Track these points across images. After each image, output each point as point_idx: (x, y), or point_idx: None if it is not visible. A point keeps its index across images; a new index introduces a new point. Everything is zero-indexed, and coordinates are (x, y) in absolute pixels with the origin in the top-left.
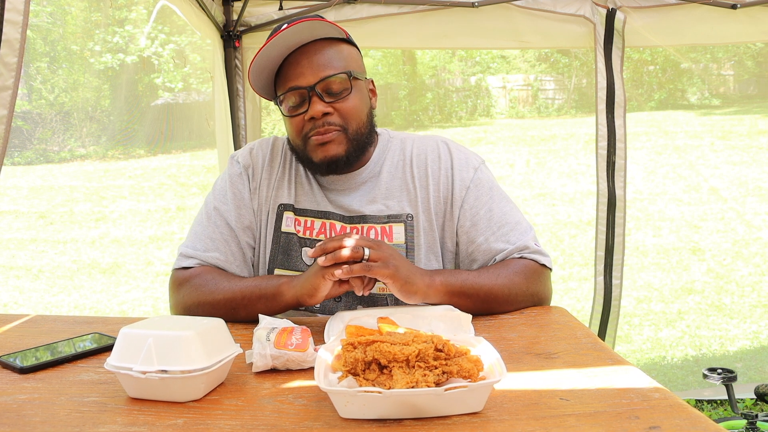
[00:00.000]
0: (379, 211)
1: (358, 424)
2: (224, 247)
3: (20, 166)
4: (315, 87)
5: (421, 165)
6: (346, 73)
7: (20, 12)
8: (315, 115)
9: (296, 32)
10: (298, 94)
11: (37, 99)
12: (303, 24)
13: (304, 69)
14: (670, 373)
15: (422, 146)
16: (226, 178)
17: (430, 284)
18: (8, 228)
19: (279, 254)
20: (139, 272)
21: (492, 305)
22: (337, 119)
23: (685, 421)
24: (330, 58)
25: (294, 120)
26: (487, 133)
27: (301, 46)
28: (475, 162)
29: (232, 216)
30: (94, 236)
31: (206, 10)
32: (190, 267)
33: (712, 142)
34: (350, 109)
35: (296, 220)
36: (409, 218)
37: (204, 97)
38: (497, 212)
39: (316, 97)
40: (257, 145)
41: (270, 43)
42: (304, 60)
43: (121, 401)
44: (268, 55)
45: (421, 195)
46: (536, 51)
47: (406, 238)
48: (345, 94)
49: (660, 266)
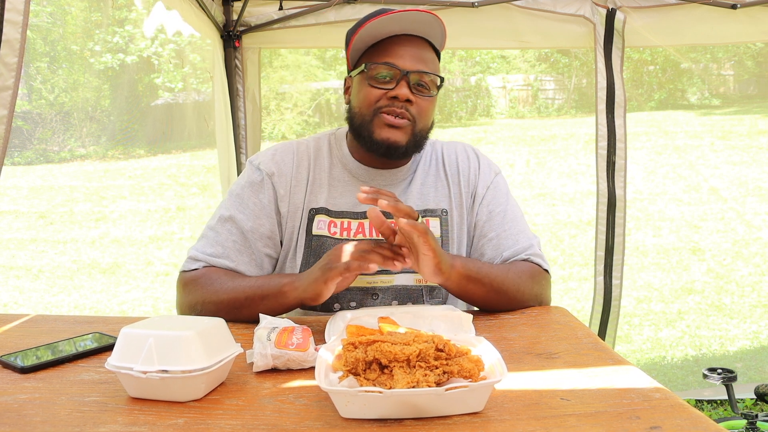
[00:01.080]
0: (416, 206)
1: (358, 423)
2: (235, 255)
3: (20, 166)
4: (410, 73)
5: (452, 164)
6: (440, 78)
7: (20, 12)
8: (399, 96)
9: (420, 21)
10: (391, 71)
11: (37, 99)
12: (428, 17)
13: (408, 53)
14: (670, 373)
15: (451, 148)
16: (245, 184)
17: (453, 265)
18: (8, 228)
19: (311, 257)
20: (139, 272)
21: (502, 297)
22: (413, 110)
23: (686, 421)
24: (430, 59)
25: (373, 90)
26: (487, 133)
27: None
28: (496, 168)
29: (248, 224)
30: (94, 236)
31: (206, 10)
32: (197, 269)
33: (712, 142)
34: (426, 109)
35: (331, 222)
36: (444, 213)
37: (204, 97)
38: (510, 215)
39: (406, 82)
40: (280, 150)
41: (392, 16)
42: (410, 46)
43: (122, 401)
44: (383, 26)
45: (454, 191)
46: (536, 51)
47: (441, 232)
48: (429, 94)
49: (660, 266)
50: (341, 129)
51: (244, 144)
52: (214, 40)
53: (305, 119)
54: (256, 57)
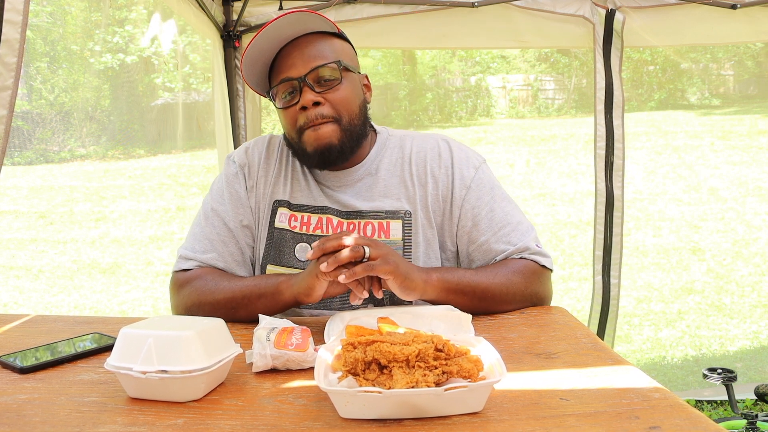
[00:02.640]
0: (377, 208)
1: (358, 424)
2: (222, 247)
3: (20, 166)
4: (306, 77)
5: (420, 163)
6: (336, 62)
7: (20, 12)
8: (306, 104)
9: (289, 23)
10: (289, 85)
11: (37, 99)
12: (295, 15)
13: (296, 60)
14: (670, 373)
15: (422, 144)
16: (223, 178)
17: (427, 280)
18: (8, 228)
19: (272, 250)
20: (139, 272)
21: (489, 304)
22: (328, 110)
23: (686, 422)
24: (321, 49)
25: (288, 112)
26: (487, 133)
27: (293, 39)
28: (476, 161)
29: (230, 216)
30: (94, 236)
31: (206, 10)
32: (190, 269)
33: (712, 142)
34: (341, 99)
35: (292, 216)
36: (407, 215)
37: (204, 97)
38: (499, 212)
39: (307, 87)
40: (253, 144)
41: (261, 34)
42: (296, 52)
43: (121, 401)
44: (260, 47)
45: (420, 193)
46: (536, 51)
47: (403, 234)
48: (335, 84)
49: (660, 266)
50: None
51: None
52: (214, 40)
53: None
54: None
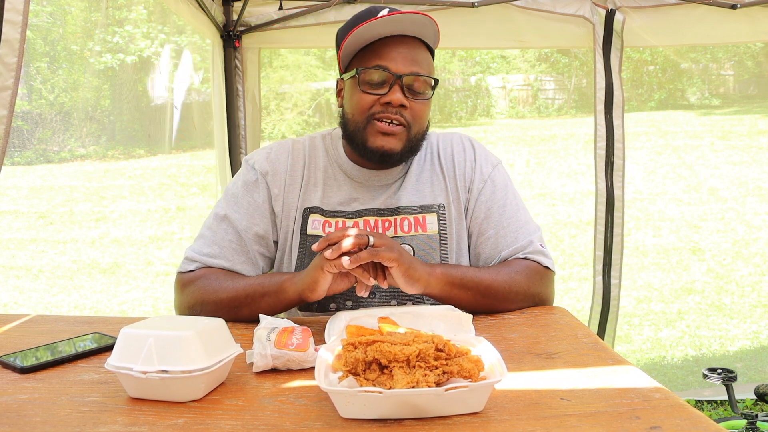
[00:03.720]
0: (412, 202)
1: (358, 424)
2: (231, 255)
3: (20, 166)
4: (403, 77)
5: (447, 157)
6: (434, 79)
7: (20, 12)
8: (393, 102)
9: (412, 21)
10: (383, 75)
11: (37, 99)
12: (420, 17)
13: (400, 55)
14: (670, 373)
15: (447, 140)
16: (240, 183)
17: (431, 273)
18: (8, 228)
19: (306, 258)
20: (139, 272)
21: (491, 301)
22: (408, 115)
23: (686, 422)
24: (424, 59)
25: (366, 96)
26: (487, 133)
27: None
28: (494, 160)
29: (243, 224)
30: (94, 236)
31: (206, 10)
32: (194, 270)
33: (712, 142)
34: (421, 112)
35: (326, 222)
36: (441, 208)
37: (204, 97)
38: (510, 210)
39: (399, 86)
40: (275, 149)
41: (384, 19)
42: (402, 48)
43: (122, 401)
44: (374, 29)
45: (450, 185)
46: (536, 51)
47: (439, 227)
48: (423, 97)
49: (660, 266)
50: (337, 129)
51: (243, 144)
52: (214, 41)
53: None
54: (255, 57)
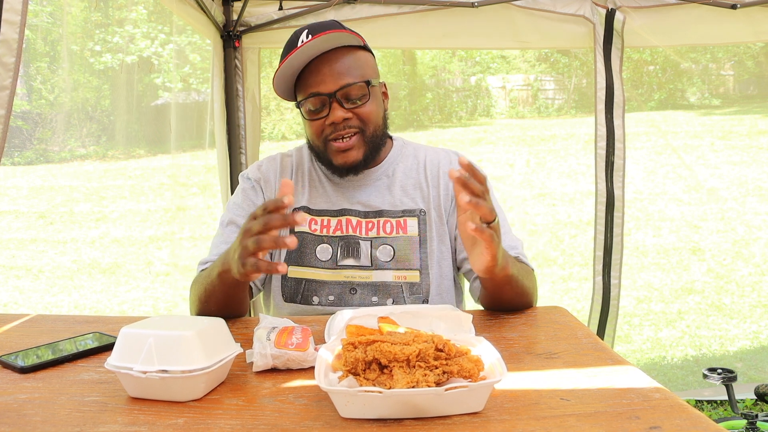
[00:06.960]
0: (394, 206)
1: (358, 423)
2: None
3: (20, 166)
4: (335, 94)
5: (434, 168)
6: (365, 82)
7: (18, 12)
8: (336, 121)
9: (324, 40)
10: (318, 100)
11: (37, 99)
12: (324, 37)
13: (325, 77)
14: (670, 373)
15: (435, 154)
16: (239, 192)
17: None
18: (8, 228)
19: (293, 252)
20: (139, 272)
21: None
22: (355, 122)
23: (686, 422)
24: (349, 66)
25: (314, 123)
26: (487, 133)
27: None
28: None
29: None
30: (94, 236)
31: (206, 10)
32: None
33: (712, 142)
34: (368, 114)
35: (312, 220)
36: (422, 213)
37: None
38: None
39: (337, 104)
40: (265, 163)
41: (293, 55)
42: (325, 68)
43: (122, 401)
44: (291, 63)
45: (433, 193)
46: (536, 51)
47: (419, 230)
48: (363, 101)
49: (660, 266)
50: None
51: (243, 144)
52: (214, 41)
53: None
54: (255, 57)
